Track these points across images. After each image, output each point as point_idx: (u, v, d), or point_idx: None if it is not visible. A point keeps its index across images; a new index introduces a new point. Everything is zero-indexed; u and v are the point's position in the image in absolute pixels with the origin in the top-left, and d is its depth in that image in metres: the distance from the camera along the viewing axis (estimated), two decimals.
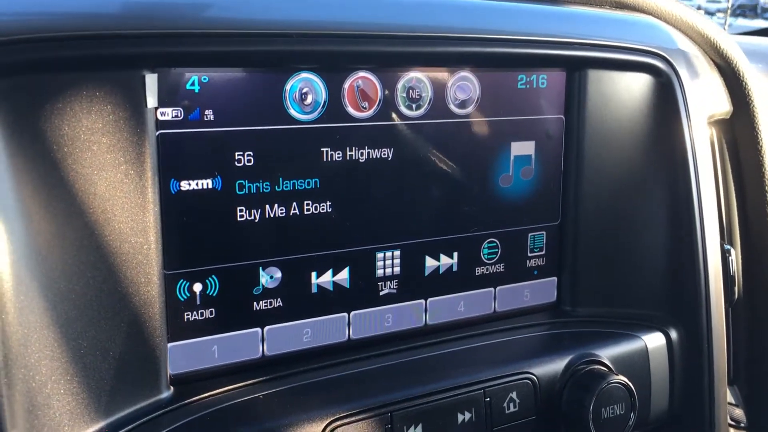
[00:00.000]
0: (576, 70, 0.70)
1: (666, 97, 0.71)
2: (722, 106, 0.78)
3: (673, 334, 0.73)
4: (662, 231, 0.72)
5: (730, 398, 0.80)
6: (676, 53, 0.73)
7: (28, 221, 0.47)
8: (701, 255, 0.71)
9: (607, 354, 0.69)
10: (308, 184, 0.60)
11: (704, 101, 0.74)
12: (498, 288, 0.71)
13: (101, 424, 0.51)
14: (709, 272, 0.71)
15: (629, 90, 0.71)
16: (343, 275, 0.63)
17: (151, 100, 0.52)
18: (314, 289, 0.62)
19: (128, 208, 0.52)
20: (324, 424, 0.56)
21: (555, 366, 0.66)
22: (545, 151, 0.71)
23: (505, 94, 0.68)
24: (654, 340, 0.72)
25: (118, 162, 0.51)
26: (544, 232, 0.73)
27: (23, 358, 0.47)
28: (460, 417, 0.61)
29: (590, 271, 0.73)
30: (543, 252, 0.73)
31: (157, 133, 0.54)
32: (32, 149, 0.48)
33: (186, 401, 0.56)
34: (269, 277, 0.60)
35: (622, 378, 0.65)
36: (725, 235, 0.81)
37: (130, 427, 0.53)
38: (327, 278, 0.63)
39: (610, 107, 0.71)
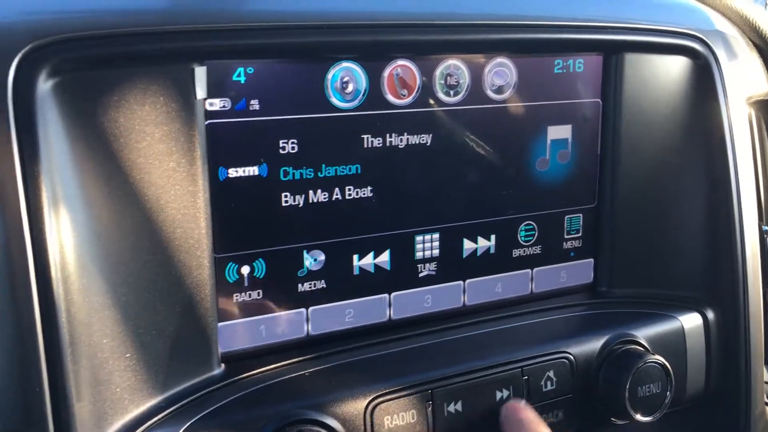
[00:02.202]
0: (613, 53, 0.70)
1: (704, 79, 0.72)
2: (761, 86, 0.78)
3: (710, 315, 0.73)
4: (700, 212, 0.73)
5: (766, 377, 0.81)
6: (713, 35, 0.73)
7: (90, 208, 0.50)
8: (739, 236, 0.72)
9: (643, 334, 0.70)
10: (350, 170, 0.62)
11: (742, 82, 0.74)
12: (535, 270, 0.73)
13: (158, 398, 0.54)
14: (746, 253, 0.72)
15: (667, 73, 0.71)
16: (384, 257, 0.65)
17: (200, 92, 0.54)
18: (356, 271, 0.64)
19: (180, 195, 0.55)
20: (367, 400, 0.58)
21: (592, 345, 0.67)
22: (582, 134, 0.72)
23: (542, 79, 0.69)
24: (691, 321, 0.73)
25: (170, 151, 0.54)
26: (580, 215, 0.74)
27: (87, 336, 0.50)
28: (499, 394, 0.63)
29: (627, 252, 0.74)
30: (580, 234, 0.74)
31: (206, 122, 0.56)
32: (91, 140, 0.50)
33: (236, 378, 0.59)
34: (313, 260, 0.63)
35: (658, 357, 0.67)
36: (763, 216, 0.81)
37: (184, 401, 0.56)
38: (368, 260, 0.65)
39: (647, 90, 0.71)
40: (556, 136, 0.71)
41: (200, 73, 0.54)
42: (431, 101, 0.64)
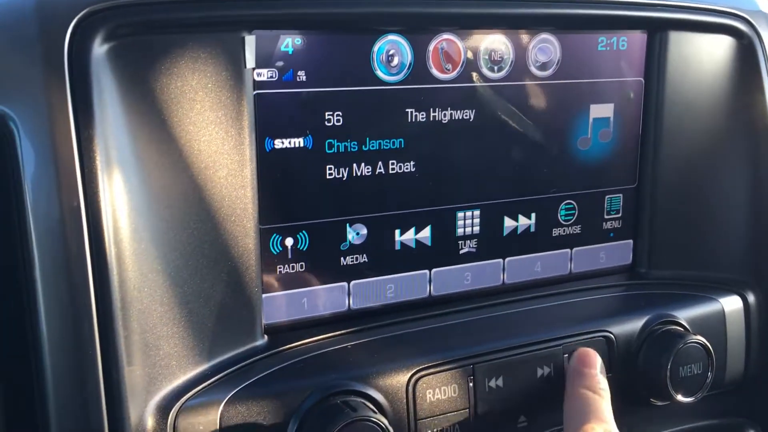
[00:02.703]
0: (657, 31, 0.70)
1: (747, 59, 0.71)
2: None
3: (751, 298, 0.73)
4: (741, 195, 0.72)
5: None
6: (758, 15, 0.72)
7: (141, 173, 0.50)
8: None
9: (684, 315, 0.69)
10: (393, 143, 0.62)
11: None
12: (574, 249, 0.72)
13: (204, 366, 0.55)
14: None
15: (710, 52, 0.71)
16: (425, 233, 0.65)
17: (250, 61, 0.54)
18: (398, 246, 0.64)
19: (228, 164, 0.55)
20: (410, 374, 0.58)
21: (632, 325, 0.67)
22: (624, 113, 0.71)
23: (586, 57, 0.68)
24: (731, 303, 0.72)
25: (219, 120, 0.54)
26: (621, 195, 0.73)
27: (138, 302, 0.50)
28: (540, 371, 0.63)
29: (667, 234, 0.74)
30: (620, 214, 0.74)
31: (254, 92, 0.56)
32: (144, 105, 0.51)
33: (279, 349, 0.59)
34: (355, 234, 0.63)
35: (700, 338, 0.66)
36: None
37: (228, 371, 0.56)
38: (410, 236, 0.65)
39: (690, 69, 0.71)
40: (598, 115, 0.70)
41: (250, 41, 0.54)
42: (475, 76, 0.64)
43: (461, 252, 0.67)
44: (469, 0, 0.60)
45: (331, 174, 0.60)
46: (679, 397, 0.66)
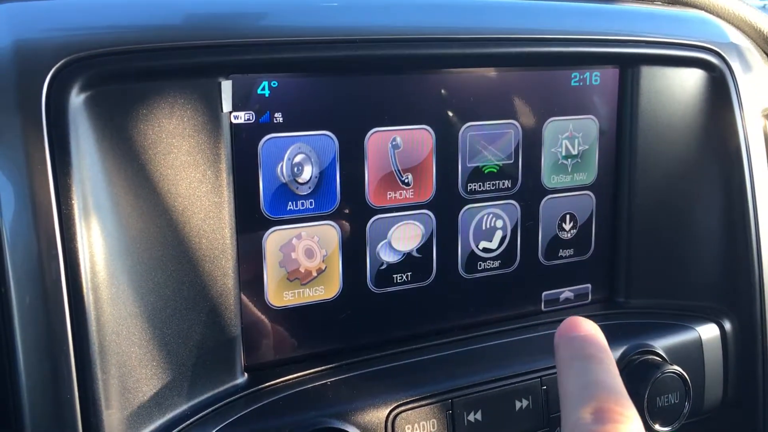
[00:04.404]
0: (629, 66, 0.71)
1: (719, 92, 0.72)
2: None
3: (727, 325, 0.74)
4: (716, 223, 0.73)
5: None
6: (728, 47, 0.74)
7: (119, 219, 0.51)
8: (755, 247, 0.72)
9: (661, 345, 0.70)
10: None
11: (758, 94, 0.75)
12: (553, 279, 0.73)
13: (183, 407, 0.55)
14: (763, 264, 0.72)
15: (682, 85, 0.72)
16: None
17: (227, 105, 0.55)
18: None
19: (206, 206, 0.55)
20: (389, 409, 0.59)
21: None
22: (599, 147, 0.72)
23: (559, 92, 0.69)
24: (708, 331, 0.73)
25: (197, 163, 0.55)
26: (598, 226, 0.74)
27: (116, 345, 0.51)
28: (518, 404, 0.63)
29: (644, 263, 0.75)
30: (597, 245, 0.75)
31: (231, 135, 0.57)
32: (121, 152, 0.51)
33: (259, 387, 0.59)
34: None
35: (676, 368, 0.67)
36: None
37: (209, 410, 0.56)
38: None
39: (663, 103, 0.72)
40: (572, 149, 0.71)
41: (226, 86, 0.55)
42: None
43: None
44: (443, 41, 0.61)
45: None
46: (657, 427, 0.66)
